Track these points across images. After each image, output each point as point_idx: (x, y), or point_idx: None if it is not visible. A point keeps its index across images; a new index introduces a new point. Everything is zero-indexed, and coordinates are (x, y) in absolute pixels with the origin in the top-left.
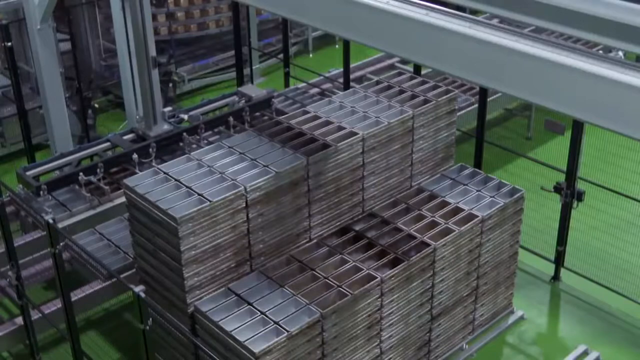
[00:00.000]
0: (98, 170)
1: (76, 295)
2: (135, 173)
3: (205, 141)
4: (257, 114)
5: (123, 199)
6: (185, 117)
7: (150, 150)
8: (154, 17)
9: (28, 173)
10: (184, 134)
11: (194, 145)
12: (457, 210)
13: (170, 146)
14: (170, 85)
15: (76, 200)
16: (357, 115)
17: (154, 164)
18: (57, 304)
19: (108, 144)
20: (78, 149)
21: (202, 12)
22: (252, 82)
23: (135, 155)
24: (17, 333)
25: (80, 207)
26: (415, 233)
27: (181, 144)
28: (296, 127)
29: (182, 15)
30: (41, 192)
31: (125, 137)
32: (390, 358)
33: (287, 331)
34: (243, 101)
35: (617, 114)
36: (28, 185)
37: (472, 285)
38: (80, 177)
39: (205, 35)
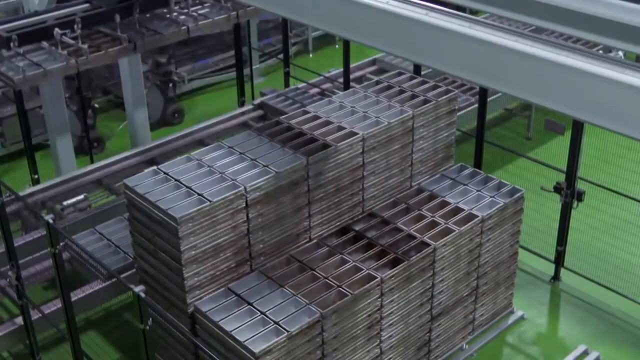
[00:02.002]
0: (75, 26)
1: (76, 295)
2: (116, 37)
3: (192, 11)
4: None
5: (102, 61)
6: None
7: (134, 10)
8: None
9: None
10: None
11: (183, 12)
12: (457, 210)
13: (154, 10)
14: (170, 85)
15: (51, 61)
16: (357, 115)
17: (137, 27)
18: (57, 304)
19: (87, 4)
20: (55, 7)
21: None
22: (252, 82)
23: (117, 16)
24: (17, 333)
25: (55, 65)
26: (415, 233)
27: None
28: (296, 127)
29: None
30: (11, 44)
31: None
32: (390, 358)
33: (287, 331)
34: None
35: (617, 114)
36: None
37: (472, 285)
38: (55, 32)
39: (205, 35)
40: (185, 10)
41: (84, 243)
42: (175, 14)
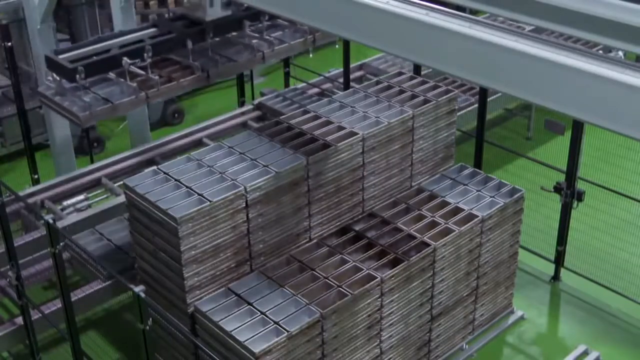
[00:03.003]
0: (145, 54)
1: (76, 295)
2: (187, 66)
3: (267, 34)
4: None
5: (173, 92)
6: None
7: (207, 35)
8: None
9: (62, 56)
10: (245, 20)
11: (256, 35)
12: (457, 210)
13: (227, 34)
14: None
15: (119, 94)
16: (357, 115)
17: (210, 53)
18: (57, 304)
19: (154, 29)
20: (119, 33)
21: None
22: (252, 82)
23: (189, 42)
24: (17, 333)
25: (124, 99)
26: (415, 233)
27: (243, 32)
28: (296, 127)
29: None
30: (77, 76)
31: (173, 22)
32: (390, 358)
33: (287, 331)
34: None
35: (617, 114)
36: (60, 70)
37: (472, 285)
38: (124, 62)
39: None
40: (258, 35)
41: (84, 243)
42: (247, 38)
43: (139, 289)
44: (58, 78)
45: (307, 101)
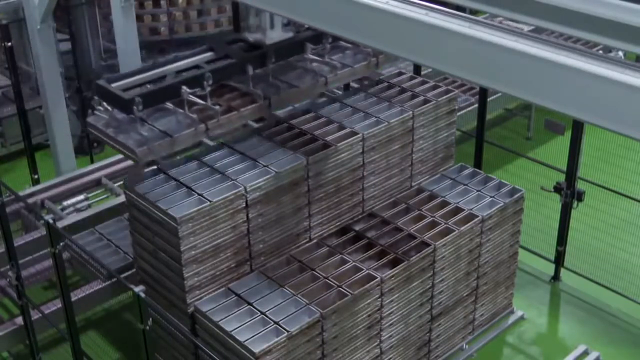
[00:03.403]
0: (205, 82)
1: (76, 295)
2: (246, 93)
3: (329, 57)
4: None
5: (234, 123)
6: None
7: (268, 60)
8: (154, 17)
9: (114, 85)
10: (306, 43)
11: (318, 59)
12: (457, 210)
13: (289, 58)
14: None
15: (177, 126)
16: (357, 115)
17: (270, 79)
18: (57, 304)
19: (210, 53)
20: (173, 58)
21: (202, 12)
22: None
23: (249, 67)
24: (17, 333)
25: (183, 132)
26: (415, 233)
27: (304, 55)
28: (296, 127)
29: (187, 15)
30: (135, 107)
31: (230, 45)
32: (390, 358)
33: (287, 331)
34: None
35: (617, 114)
36: (115, 100)
37: (472, 285)
38: (183, 91)
39: (206, 35)
40: (320, 58)
41: (84, 243)
42: (308, 61)
43: (139, 289)
44: (110, 108)
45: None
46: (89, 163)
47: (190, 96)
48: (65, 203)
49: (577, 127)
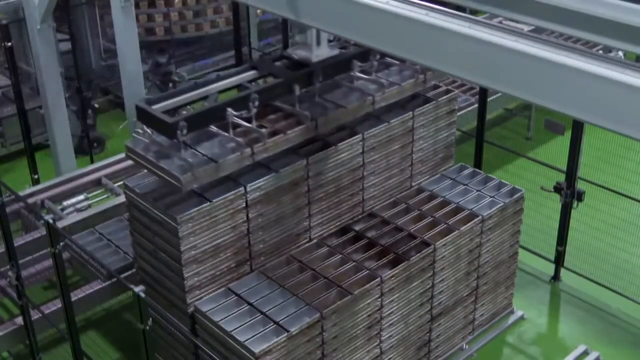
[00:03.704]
0: (250, 104)
1: (76, 295)
2: (291, 113)
3: (376, 74)
4: None
5: (280, 146)
6: None
7: (315, 79)
8: (154, 18)
9: (155, 107)
10: (354, 60)
11: (364, 76)
12: (457, 210)
13: (336, 76)
14: (171, 85)
15: (222, 150)
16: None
17: (317, 98)
18: (57, 304)
19: (254, 72)
20: (216, 77)
21: (202, 12)
22: None
23: (296, 87)
24: (17, 333)
25: (228, 157)
26: (415, 233)
27: (351, 73)
28: None
29: (182, 15)
30: (179, 132)
31: (274, 63)
32: (390, 358)
33: (287, 331)
34: None
35: (617, 114)
36: (158, 124)
37: (472, 285)
38: (228, 114)
39: (205, 36)
40: (366, 75)
41: (84, 243)
42: (355, 79)
43: (139, 289)
44: (149, 131)
45: None
46: (89, 163)
47: (236, 118)
48: (65, 203)
49: (577, 127)
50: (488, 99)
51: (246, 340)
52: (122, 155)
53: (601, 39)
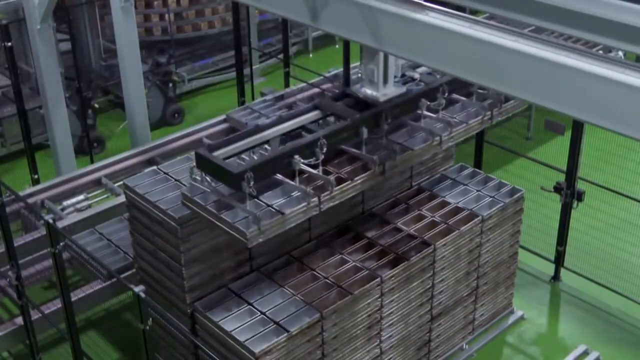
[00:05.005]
0: (317, 150)
1: (76, 295)
2: (358, 157)
3: (443, 112)
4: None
5: (347, 194)
6: (417, 75)
7: (382, 121)
8: (146, 18)
9: (216, 153)
10: (422, 99)
11: (431, 115)
12: (457, 210)
13: (402, 115)
14: (170, 85)
15: (285, 197)
16: None
17: (384, 140)
18: (57, 304)
19: (317, 112)
20: (278, 119)
21: (202, 12)
22: (252, 82)
23: (363, 129)
24: (17, 333)
25: (295, 209)
26: (415, 233)
27: (419, 112)
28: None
29: (182, 15)
30: (244, 183)
31: (338, 103)
32: (390, 358)
33: (287, 331)
34: None
35: (617, 114)
36: (222, 175)
37: (472, 285)
38: (294, 161)
39: (205, 36)
40: (434, 115)
41: (84, 243)
42: (421, 118)
43: (139, 289)
44: (208, 178)
45: (276, 113)
46: (89, 163)
47: (303, 166)
48: (65, 203)
49: (577, 127)
50: None
51: (246, 340)
52: (122, 155)
53: (601, 39)
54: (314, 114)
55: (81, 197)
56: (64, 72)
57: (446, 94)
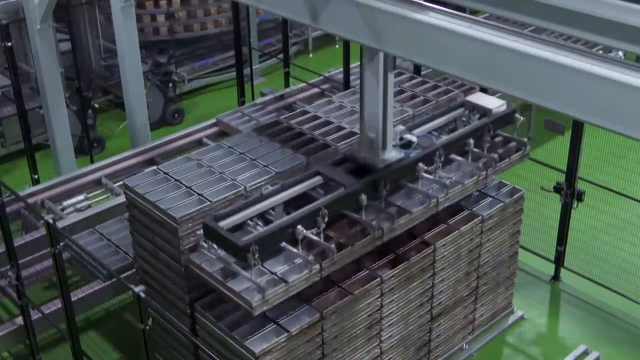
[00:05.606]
0: (319, 219)
1: (76, 295)
2: (358, 222)
3: (440, 174)
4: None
5: (346, 259)
6: (414, 139)
7: (381, 187)
8: (154, 18)
9: (222, 224)
10: (419, 163)
11: (430, 177)
12: (457, 210)
13: (400, 179)
14: (170, 85)
15: (288, 265)
16: (357, 115)
17: (382, 204)
18: (57, 304)
19: (318, 178)
20: (281, 187)
21: (202, 12)
22: (252, 82)
23: (363, 196)
24: (17, 333)
25: (298, 276)
26: (415, 233)
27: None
28: (296, 127)
29: (183, 15)
30: (249, 255)
31: (338, 167)
32: (390, 358)
33: (287, 331)
34: (477, 115)
35: (617, 114)
36: (228, 246)
37: (472, 285)
38: (297, 231)
39: (205, 35)
40: (430, 177)
41: (84, 243)
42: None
43: (139, 289)
44: (216, 247)
45: (265, 117)
46: (89, 163)
47: (306, 235)
48: (65, 203)
49: (577, 127)
50: None
51: (246, 340)
52: (122, 155)
53: (601, 39)
54: (316, 180)
55: (81, 197)
56: (64, 72)
57: (442, 158)
